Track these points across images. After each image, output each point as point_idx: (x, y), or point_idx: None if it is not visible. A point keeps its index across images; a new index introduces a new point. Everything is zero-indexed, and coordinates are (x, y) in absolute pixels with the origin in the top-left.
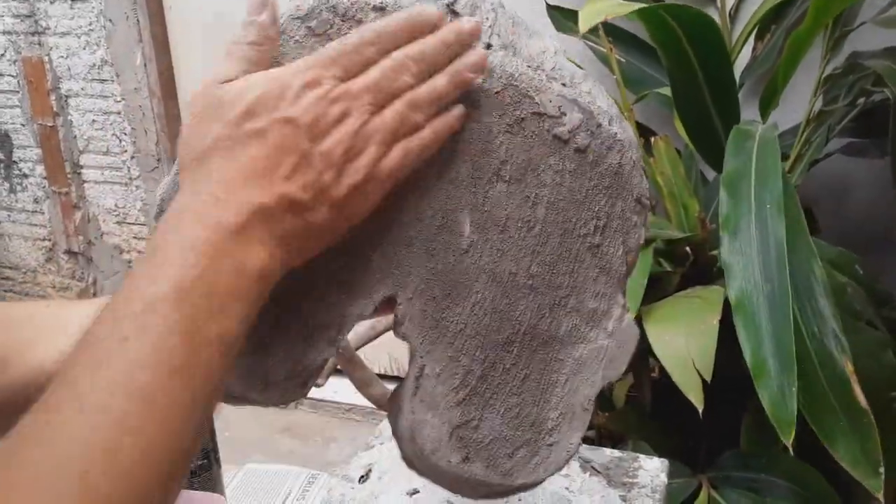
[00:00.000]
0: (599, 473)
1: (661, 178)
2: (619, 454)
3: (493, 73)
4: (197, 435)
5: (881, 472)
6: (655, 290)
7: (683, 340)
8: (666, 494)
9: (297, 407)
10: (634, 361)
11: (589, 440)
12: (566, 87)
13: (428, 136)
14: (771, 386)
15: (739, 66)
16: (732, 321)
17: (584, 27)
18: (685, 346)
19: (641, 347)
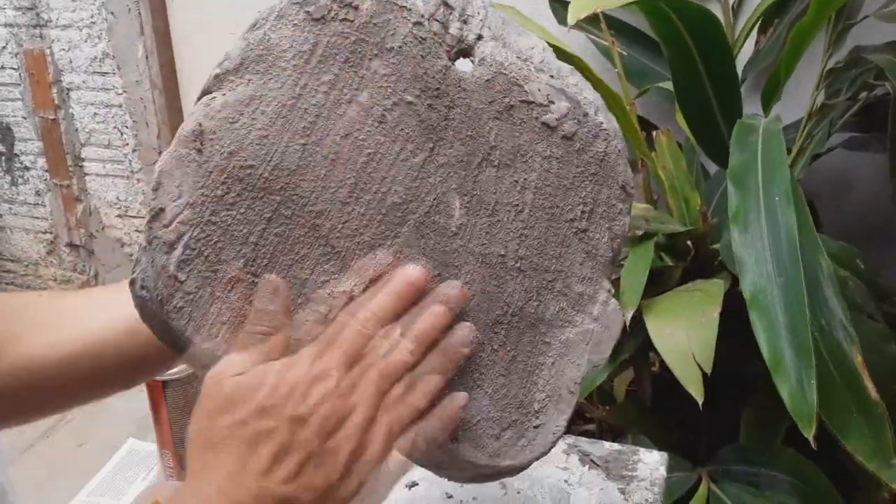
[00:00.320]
0: (598, 466)
1: (662, 171)
2: (618, 447)
3: (483, 61)
4: None
5: (894, 463)
6: (657, 284)
7: (684, 334)
8: (665, 488)
9: None
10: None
11: (590, 434)
12: (554, 78)
13: (435, 426)
14: (789, 379)
15: (742, 60)
16: (733, 315)
17: (572, 19)
18: (686, 339)
19: (642, 342)
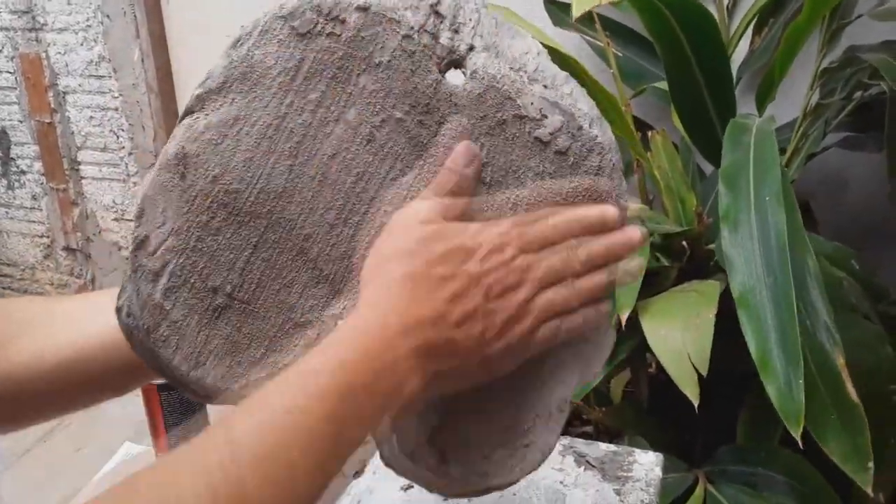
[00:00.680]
0: (594, 467)
1: (658, 172)
2: (613, 448)
3: (475, 74)
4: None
5: (870, 466)
6: (652, 285)
7: (679, 335)
8: (660, 488)
9: None
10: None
11: (586, 435)
12: (547, 88)
13: (578, 321)
14: (777, 379)
15: (737, 59)
16: (728, 315)
17: (577, 13)
18: (681, 340)
19: (638, 343)
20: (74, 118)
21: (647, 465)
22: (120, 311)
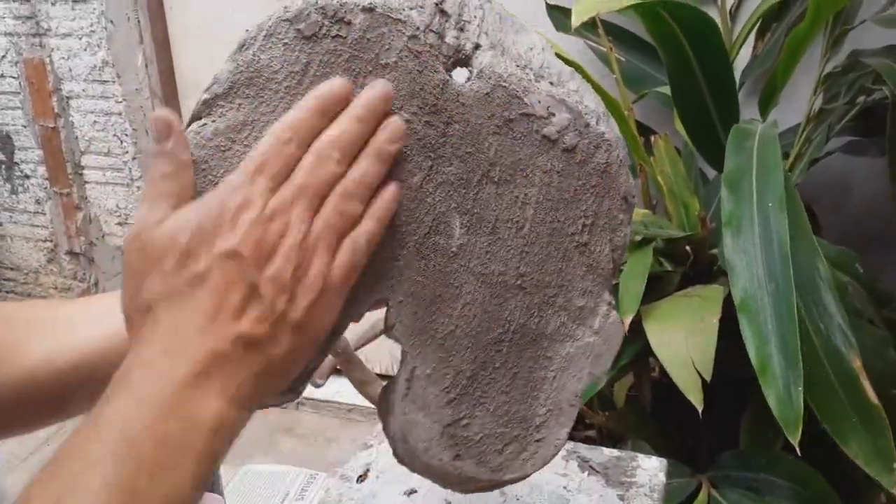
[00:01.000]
0: (598, 473)
1: (661, 176)
2: (617, 453)
3: (482, 73)
4: None
5: (895, 468)
6: (656, 289)
7: (683, 340)
8: (664, 494)
9: (298, 408)
10: (634, 361)
11: (590, 440)
12: (554, 85)
13: (371, 226)
14: (776, 385)
15: (740, 64)
16: (732, 320)
17: (577, 21)
18: (685, 345)
19: (641, 347)
20: (78, 123)
21: (650, 470)
22: None
